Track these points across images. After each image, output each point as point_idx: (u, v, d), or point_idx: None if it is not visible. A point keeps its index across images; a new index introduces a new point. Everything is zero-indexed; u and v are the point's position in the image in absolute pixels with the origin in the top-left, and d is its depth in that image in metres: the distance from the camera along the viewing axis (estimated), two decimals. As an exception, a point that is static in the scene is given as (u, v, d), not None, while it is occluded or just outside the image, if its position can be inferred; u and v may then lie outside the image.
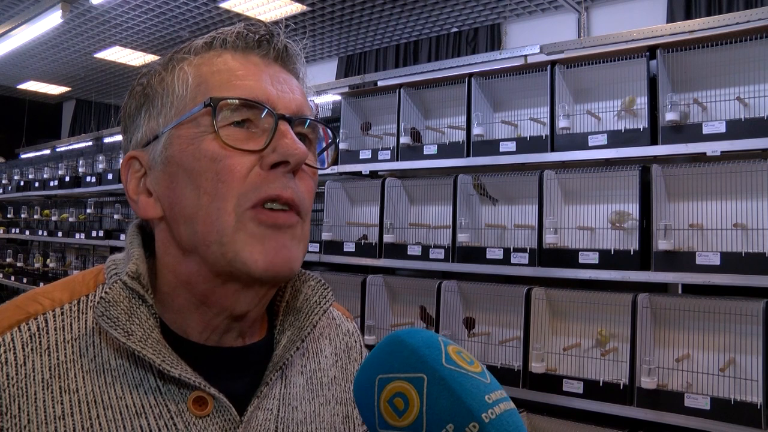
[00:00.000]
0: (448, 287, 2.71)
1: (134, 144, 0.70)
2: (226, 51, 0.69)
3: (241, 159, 0.64)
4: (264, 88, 0.66)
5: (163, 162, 0.67)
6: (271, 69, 0.69)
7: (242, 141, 0.65)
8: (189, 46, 0.70)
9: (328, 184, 3.16)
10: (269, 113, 0.65)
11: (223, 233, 0.63)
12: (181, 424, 0.64)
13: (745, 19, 2.98)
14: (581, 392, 2.22)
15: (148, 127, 0.69)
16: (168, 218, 0.67)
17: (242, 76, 0.66)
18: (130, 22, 6.89)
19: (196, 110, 0.65)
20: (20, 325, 0.64)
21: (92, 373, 0.64)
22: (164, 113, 0.67)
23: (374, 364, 0.57)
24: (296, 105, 0.68)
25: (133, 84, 0.72)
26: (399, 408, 0.53)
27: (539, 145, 2.46)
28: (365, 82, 5.24)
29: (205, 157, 0.64)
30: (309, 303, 0.74)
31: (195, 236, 0.64)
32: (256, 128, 0.66)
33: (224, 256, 0.63)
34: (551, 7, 6.03)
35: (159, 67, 0.70)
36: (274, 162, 0.64)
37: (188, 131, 0.65)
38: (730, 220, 2.15)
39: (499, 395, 0.53)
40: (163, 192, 0.67)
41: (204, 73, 0.67)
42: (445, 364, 0.53)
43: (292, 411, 0.72)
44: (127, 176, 0.70)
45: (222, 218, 0.63)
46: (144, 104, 0.69)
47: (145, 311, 0.65)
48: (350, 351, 0.85)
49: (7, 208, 6.72)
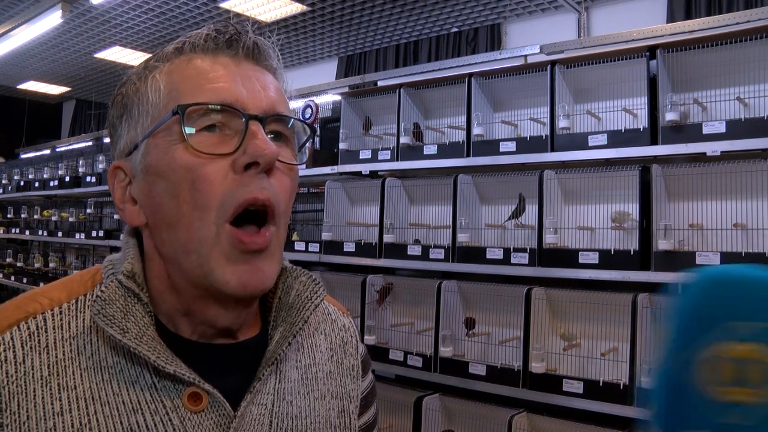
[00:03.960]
0: (448, 287, 2.71)
1: (118, 153, 0.71)
2: (196, 55, 0.68)
3: (214, 165, 0.64)
4: (233, 90, 0.66)
5: (143, 171, 0.67)
6: (241, 68, 0.68)
7: (214, 145, 0.65)
8: (161, 53, 0.70)
9: (328, 184, 3.16)
10: (239, 115, 0.65)
11: (203, 243, 0.64)
12: (176, 420, 0.65)
13: (745, 19, 2.98)
14: (581, 392, 2.22)
15: (129, 137, 0.69)
16: (150, 225, 0.68)
17: (212, 79, 0.66)
18: (130, 22, 6.89)
19: (166, 118, 0.65)
20: (19, 324, 0.65)
21: (90, 371, 0.65)
22: (141, 122, 0.68)
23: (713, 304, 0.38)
24: (268, 103, 0.68)
25: (114, 93, 0.72)
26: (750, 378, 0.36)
27: (539, 145, 2.46)
28: (365, 82, 5.24)
29: (179, 167, 0.64)
30: (301, 299, 0.75)
31: (177, 243, 0.65)
32: (229, 130, 0.66)
33: (200, 268, 0.65)
34: (551, 7, 6.03)
35: (134, 77, 0.70)
36: (246, 163, 0.64)
37: (162, 140, 0.66)
38: (730, 220, 2.15)
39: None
40: (144, 200, 0.68)
41: (175, 80, 0.67)
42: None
43: (287, 405, 0.73)
44: (113, 185, 0.71)
45: (203, 228, 0.64)
46: (123, 114, 0.70)
47: (140, 309, 0.67)
48: (346, 345, 0.85)
49: (7, 208, 6.72)
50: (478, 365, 2.49)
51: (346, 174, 3.18)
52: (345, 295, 3.05)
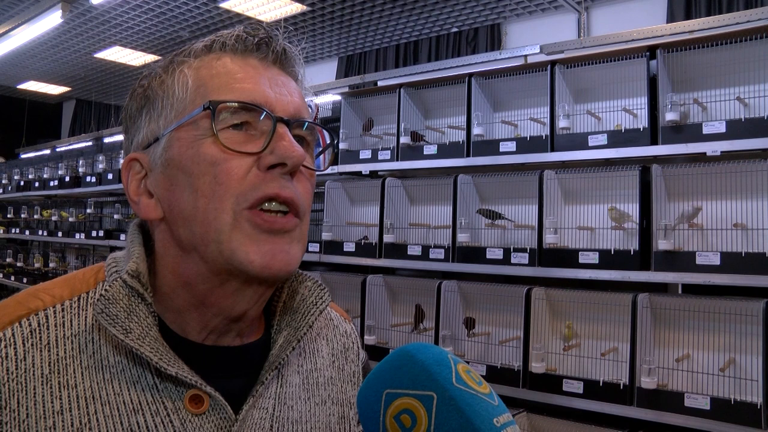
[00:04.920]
0: (448, 287, 2.71)
1: (135, 146, 0.71)
2: (226, 54, 0.69)
3: (239, 161, 0.64)
4: (262, 91, 0.67)
5: (163, 164, 0.67)
6: (269, 72, 0.69)
7: (241, 143, 0.65)
8: (189, 48, 0.70)
9: (328, 184, 3.16)
10: (267, 116, 0.66)
11: (221, 232, 0.64)
12: (177, 422, 0.64)
13: (745, 19, 2.97)
14: (581, 392, 2.22)
15: (149, 129, 0.69)
16: (168, 219, 0.68)
17: (241, 79, 0.67)
18: (130, 22, 6.89)
19: (196, 113, 0.65)
20: (21, 321, 0.65)
21: (91, 369, 0.64)
22: (164, 115, 0.68)
23: (382, 378, 0.56)
24: (294, 107, 0.69)
25: (134, 85, 0.72)
26: (406, 425, 0.53)
27: (539, 145, 2.46)
28: (365, 82, 5.23)
29: (204, 161, 0.64)
30: (305, 303, 0.75)
31: (193, 237, 0.65)
32: (254, 131, 0.66)
33: (222, 254, 0.64)
34: (551, 7, 6.03)
35: (159, 70, 0.70)
36: (272, 164, 0.65)
37: (188, 134, 0.66)
38: (730, 220, 2.15)
39: (507, 419, 0.53)
40: (163, 193, 0.68)
41: (203, 76, 0.67)
42: (456, 384, 0.53)
43: (288, 410, 0.73)
44: (128, 178, 0.71)
45: (219, 218, 0.64)
46: (145, 106, 0.70)
47: (144, 309, 0.66)
48: (347, 352, 0.85)
49: (7, 208, 6.72)
50: (479, 365, 2.49)
51: (346, 174, 3.19)
52: (345, 295, 3.06)
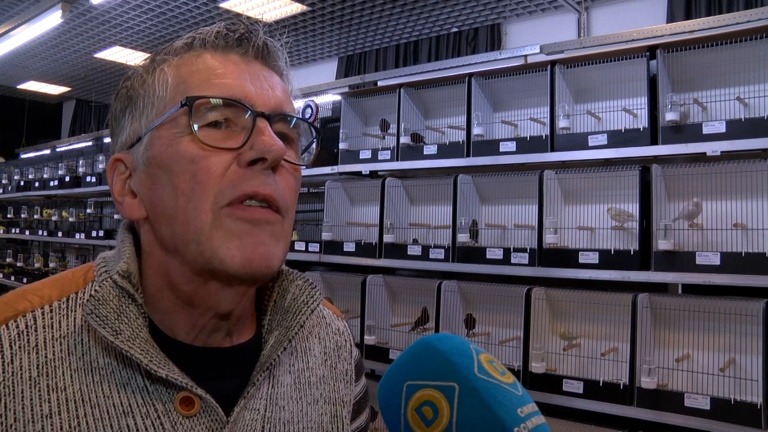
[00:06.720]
0: (448, 287, 2.71)
1: (119, 146, 0.71)
2: (206, 51, 0.68)
3: (218, 158, 0.64)
4: (242, 86, 0.66)
5: (145, 163, 0.67)
6: (250, 67, 0.69)
7: (220, 140, 0.64)
8: (169, 47, 0.70)
9: (328, 184, 3.16)
10: (247, 110, 0.65)
11: (201, 232, 0.63)
12: (167, 424, 0.64)
13: (745, 19, 2.97)
14: (581, 392, 2.22)
15: (132, 129, 0.69)
16: (151, 219, 0.67)
17: (221, 75, 0.66)
18: (130, 22, 6.89)
19: (174, 110, 0.65)
20: (8, 323, 0.63)
21: (80, 372, 0.63)
22: (146, 114, 0.67)
23: (403, 370, 0.55)
24: (275, 102, 0.68)
25: (118, 87, 0.72)
26: (427, 417, 0.52)
27: (539, 145, 2.46)
28: (365, 82, 5.23)
29: (183, 158, 0.64)
30: (297, 302, 0.74)
31: (174, 237, 0.65)
32: (235, 126, 0.66)
33: (202, 255, 0.63)
34: (551, 7, 6.03)
35: (141, 69, 0.70)
36: (252, 159, 0.64)
37: (168, 132, 0.65)
38: (730, 220, 2.15)
39: (531, 409, 0.52)
40: (145, 193, 0.67)
41: (183, 74, 0.67)
42: (478, 374, 0.52)
43: (279, 411, 0.72)
44: (112, 178, 0.70)
45: (199, 217, 0.63)
46: (128, 106, 0.70)
47: (134, 311, 0.65)
48: (340, 350, 0.84)
49: (7, 208, 6.72)
50: (478, 365, 2.48)
51: (346, 174, 3.18)
52: (345, 295, 3.06)
